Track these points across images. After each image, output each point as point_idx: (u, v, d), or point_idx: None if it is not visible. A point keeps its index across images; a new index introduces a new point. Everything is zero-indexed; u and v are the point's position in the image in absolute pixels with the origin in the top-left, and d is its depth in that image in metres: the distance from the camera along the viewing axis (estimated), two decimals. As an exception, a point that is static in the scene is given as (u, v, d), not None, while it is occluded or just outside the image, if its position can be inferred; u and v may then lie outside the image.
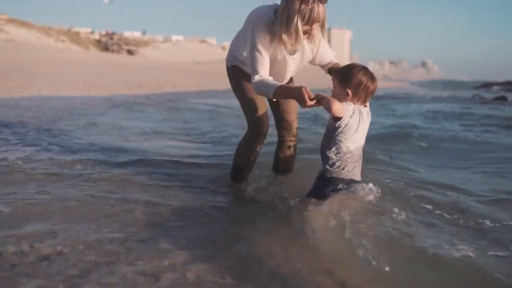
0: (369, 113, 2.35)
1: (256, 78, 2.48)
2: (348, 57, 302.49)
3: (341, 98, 2.27)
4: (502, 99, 19.29)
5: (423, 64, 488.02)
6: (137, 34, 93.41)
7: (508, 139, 6.37)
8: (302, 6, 2.28)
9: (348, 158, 2.30)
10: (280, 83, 2.45)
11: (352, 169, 2.32)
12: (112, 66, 25.61)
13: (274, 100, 2.62)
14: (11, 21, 50.48)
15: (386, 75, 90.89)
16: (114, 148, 4.44)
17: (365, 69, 2.29)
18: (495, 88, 35.64)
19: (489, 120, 9.14)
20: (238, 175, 3.05)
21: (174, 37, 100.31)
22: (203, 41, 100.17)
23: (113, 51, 57.63)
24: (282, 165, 3.03)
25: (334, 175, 2.31)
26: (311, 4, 2.28)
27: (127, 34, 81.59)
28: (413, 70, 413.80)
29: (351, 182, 2.34)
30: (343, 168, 2.31)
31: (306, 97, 2.24)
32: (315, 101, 2.24)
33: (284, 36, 2.38)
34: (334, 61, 2.76)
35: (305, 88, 2.28)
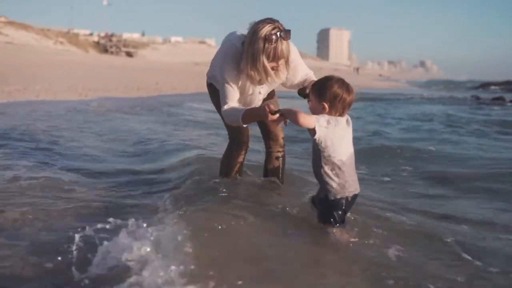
0: (349, 120, 2.31)
1: (225, 107, 2.57)
2: (347, 57, 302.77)
3: (318, 111, 2.24)
4: (500, 99, 19.36)
5: (422, 64, 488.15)
6: (136, 35, 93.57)
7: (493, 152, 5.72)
8: (266, 45, 2.32)
9: (345, 171, 2.23)
10: (246, 108, 2.53)
11: (353, 182, 2.27)
12: (111, 68, 25.65)
13: (245, 126, 2.65)
14: (10, 23, 50.52)
15: (382, 75, 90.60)
16: (102, 158, 4.47)
17: (340, 81, 2.25)
18: (494, 88, 35.67)
19: (479, 126, 9.03)
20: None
21: (173, 38, 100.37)
22: (202, 42, 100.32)
23: (112, 53, 57.66)
24: (271, 176, 3.06)
25: (338, 196, 2.24)
26: (274, 43, 2.32)
27: (126, 35, 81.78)
28: (412, 70, 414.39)
29: (354, 199, 2.31)
30: (344, 185, 2.24)
31: (267, 112, 2.29)
32: (278, 115, 2.27)
33: (253, 73, 2.43)
34: (311, 78, 2.71)
35: (268, 105, 2.33)
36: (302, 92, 2.62)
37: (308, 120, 2.15)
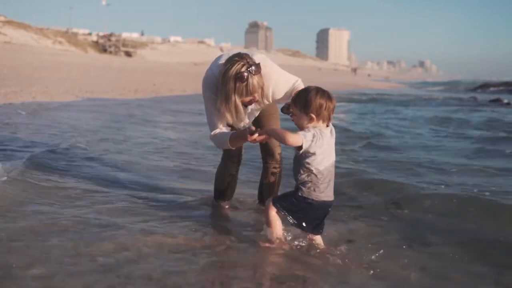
0: (333, 131, 2.39)
1: (212, 134, 2.65)
2: (346, 58, 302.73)
3: (305, 123, 2.32)
4: (497, 101, 19.45)
5: (421, 64, 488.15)
6: (135, 35, 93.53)
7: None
8: (238, 84, 2.37)
9: (319, 179, 2.34)
10: (232, 132, 2.60)
11: (324, 189, 2.36)
12: (109, 69, 25.64)
13: (233, 148, 2.68)
14: (9, 22, 50.41)
15: (370, 75, 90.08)
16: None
17: (320, 91, 2.33)
18: (493, 89, 35.68)
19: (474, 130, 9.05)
20: (219, 198, 3.19)
21: (173, 38, 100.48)
22: (201, 42, 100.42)
23: (111, 52, 57.61)
24: (265, 191, 3.09)
25: (305, 195, 2.36)
26: (245, 80, 2.36)
27: (125, 35, 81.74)
28: (412, 70, 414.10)
29: (325, 206, 2.40)
30: (314, 190, 2.35)
31: (247, 133, 2.41)
32: (257, 134, 2.37)
33: (227, 114, 2.49)
34: (298, 88, 2.66)
35: (249, 127, 2.42)
36: (285, 110, 2.61)
37: (296, 139, 2.25)
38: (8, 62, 20.70)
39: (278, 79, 2.64)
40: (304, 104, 2.30)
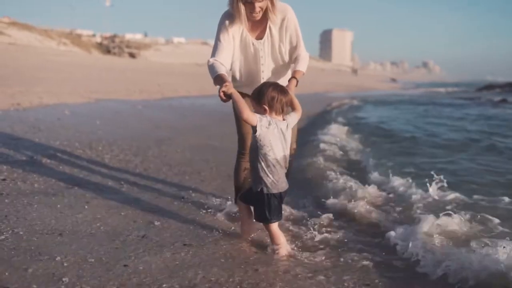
0: (289, 125, 2.51)
1: (211, 61, 2.73)
2: (349, 58, 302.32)
3: (261, 114, 2.44)
4: (503, 101, 19.49)
5: (425, 65, 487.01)
6: (138, 36, 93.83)
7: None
8: None
9: (278, 170, 2.44)
10: (221, 72, 2.62)
11: (280, 178, 2.47)
12: (113, 70, 25.67)
13: (216, 86, 2.63)
14: (13, 24, 50.62)
15: (395, 79, 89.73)
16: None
17: (274, 85, 2.47)
18: (497, 90, 35.57)
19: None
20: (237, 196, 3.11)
21: (176, 39, 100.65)
22: (205, 43, 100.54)
23: (114, 53, 57.79)
24: None
25: (272, 191, 2.45)
26: None
27: (129, 36, 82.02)
28: (415, 71, 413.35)
29: (284, 195, 2.52)
30: (277, 182, 2.45)
31: (221, 87, 2.44)
32: (222, 94, 2.41)
33: (236, 18, 2.60)
34: (297, 63, 2.77)
35: (228, 84, 2.43)
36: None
37: (251, 118, 2.37)
38: (12, 63, 20.77)
39: (293, 19, 2.77)
40: (258, 96, 2.44)
